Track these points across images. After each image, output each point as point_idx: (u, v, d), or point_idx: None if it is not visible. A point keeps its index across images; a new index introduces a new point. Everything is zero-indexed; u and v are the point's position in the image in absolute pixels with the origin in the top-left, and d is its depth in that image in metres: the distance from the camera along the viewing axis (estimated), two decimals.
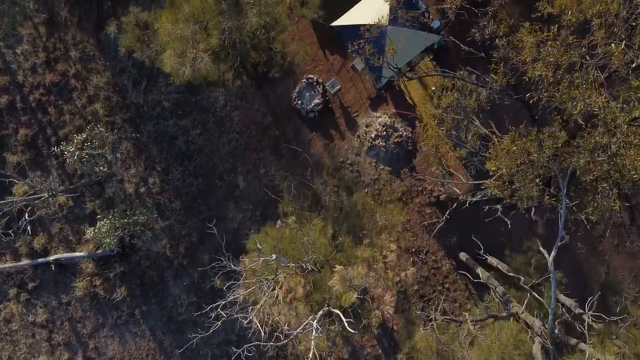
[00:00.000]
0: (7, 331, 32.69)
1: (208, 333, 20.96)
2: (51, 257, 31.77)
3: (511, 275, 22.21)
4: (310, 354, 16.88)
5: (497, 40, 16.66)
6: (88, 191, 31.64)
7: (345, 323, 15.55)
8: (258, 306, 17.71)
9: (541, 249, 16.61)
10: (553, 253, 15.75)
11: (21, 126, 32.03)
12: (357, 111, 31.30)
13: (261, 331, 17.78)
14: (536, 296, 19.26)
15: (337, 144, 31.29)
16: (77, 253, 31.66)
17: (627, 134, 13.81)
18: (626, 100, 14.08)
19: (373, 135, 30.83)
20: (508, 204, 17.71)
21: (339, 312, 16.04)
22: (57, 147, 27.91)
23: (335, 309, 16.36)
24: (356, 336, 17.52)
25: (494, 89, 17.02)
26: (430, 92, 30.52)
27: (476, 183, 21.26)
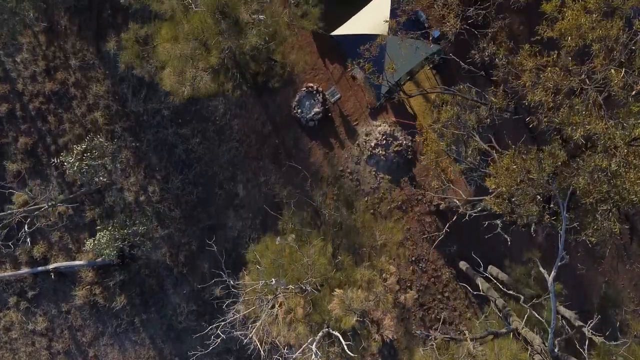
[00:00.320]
0: (7, 339, 32.68)
1: (208, 350, 20.92)
2: (51, 266, 31.75)
3: (511, 292, 22.16)
4: None
5: (497, 59, 16.64)
6: (88, 200, 31.61)
7: (344, 346, 15.54)
8: (258, 324, 17.71)
9: (541, 269, 16.58)
10: (553, 273, 15.73)
11: (21, 134, 32.01)
12: (357, 120, 31.28)
13: (261, 350, 17.76)
14: (536, 315, 19.21)
15: (337, 153, 31.27)
16: (77, 262, 31.64)
17: (627, 154, 13.77)
18: (625, 121, 14.04)
19: (373, 144, 30.82)
20: (508, 221, 17.71)
21: (339, 335, 16.02)
22: (57, 158, 27.89)
23: (334, 331, 16.34)
24: (356, 359, 17.41)
25: (494, 110, 17.00)
26: (431, 101, 30.52)
27: (476, 199, 21.24)
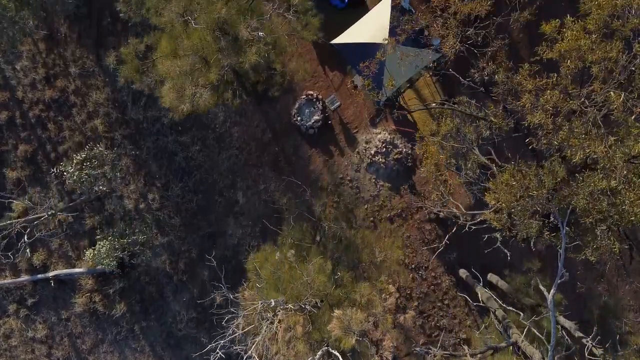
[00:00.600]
0: (7, 347, 32.70)
1: None
2: (50, 273, 31.78)
3: (510, 309, 22.16)
4: None
5: (497, 77, 16.63)
6: (88, 207, 31.62)
7: None
8: (258, 339, 17.73)
9: (541, 287, 16.59)
10: (553, 290, 15.73)
11: (21, 142, 32.03)
12: (357, 127, 31.27)
13: None
14: (537, 333, 19.21)
15: (337, 160, 31.27)
16: (77, 269, 31.66)
17: (627, 172, 13.74)
18: (625, 139, 14.03)
19: (373, 151, 30.81)
20: (507, 236, 17.71)
21: (338, 355, 16.04)
22: (57, 168, 27.88)
23: (334, 350, 16.36)
24: None
25: (494, 130, 17.00)
26: (431, 109, 30.54)
27: (475, 212, 21.25)
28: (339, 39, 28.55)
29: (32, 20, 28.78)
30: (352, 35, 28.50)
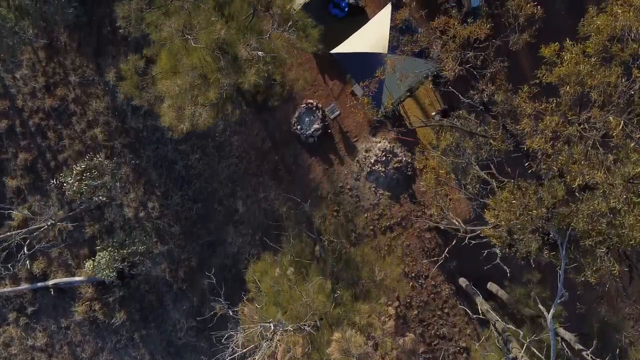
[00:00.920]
0: (7, 355, 32.69)
1: None
2: (50, 282, 31.78)
3: (510, 327, 22.15)
4: None
5: (496, 96, 16.62)
6: (87, 216, 31.61)
7: None
8: (257, 357, 17.73)
9: (540, 307, 16.58)
10: (552, 310, 15.74)
11: (20, 150, 32.02)
12: (357, 136, 31.26)
13: None
14: (536, 352, 19.21)
15: (337, 169, 31.25)
16: (77, 278, 31.65)
17: (627, 192, 13.71)
18: (625, 159, 14.03)
19: (372, 160, 30.80)
20: (507, 253, 17.70)
21: None
22: (56, 179, 27.87)
23: None
24: None
25: (493, 152, 17.00)
26: (430, 117, 30.55)
27: (475, 228, 21.23)
28: (339, 49, 28.55)
29: (32, 29, 28.81)
30: (352, 44, 28.51)
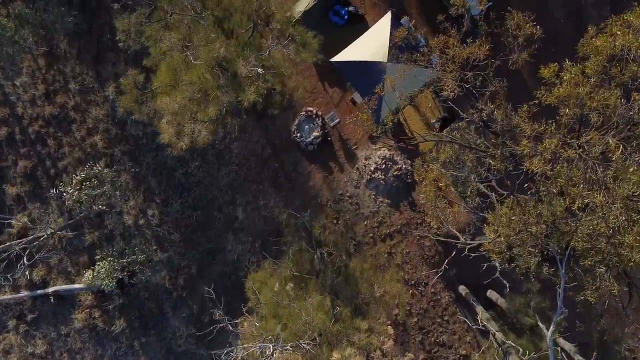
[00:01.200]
0: None
1: None
2: (50, 289, 31.75)
3: (510, 343, 22.15)
4: None
5: (496, 114, 16.62)
6: (87, 223, 31.61)
7: None
8: None
9: (539, 324, 16.59)
10: (552, 327, 15.75)
11: (20, 158, 32.01)
12: (357, 144, 31.26)
13: None
14: None
15: (337, 177, 31.25)
16: (76, 285, 31.63)
17: (627, 209, 13.72)
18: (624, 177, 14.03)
19: (372, 168, 30.81)
20: (506, 268, 17.70)
21: None
22: (56, 189, 27.86)
23: None
24: None
25: (493, 172, 17.00)
26: (430, 125, 30.57)
27: (474, 243, 21.24)
28: (339, 57, 28.53)
29: (32, 37, 28.82)
30: (352, 53, 28.50)
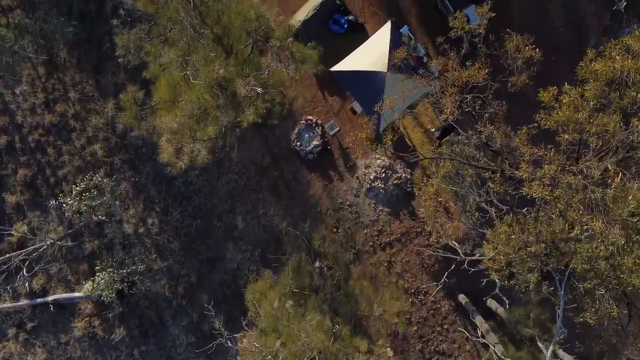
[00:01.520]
0: None
1: None
2: (50, 298, 31.78)
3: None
4: None
5: (495, 134, 16.66)
6: (87, 231, 31.63)
7: None
8: None
9: (539, 345, 16.59)
10: (551, 347, 15.74)
11: (20, 166, 32.04)
12: (356, 153, 31.24)
13: None
14: None
15: (336, 185, 31.25)
16: (76, 293, 31.65)
17: (627, 229, 13.71)
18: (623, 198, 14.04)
19: (372, 176, 30.80)
20: (506, 286, 17.71)
21: None
22: (56, 200, 27.89)
23: None
24: None
25: (492, 194, 17.00)
26: (429, 133, 30.57)
27: (474, 259, 21.25)
28: (339, 66, 28.48)
29: (32, 45, 28.84)
30: (352, 62, 28.46)
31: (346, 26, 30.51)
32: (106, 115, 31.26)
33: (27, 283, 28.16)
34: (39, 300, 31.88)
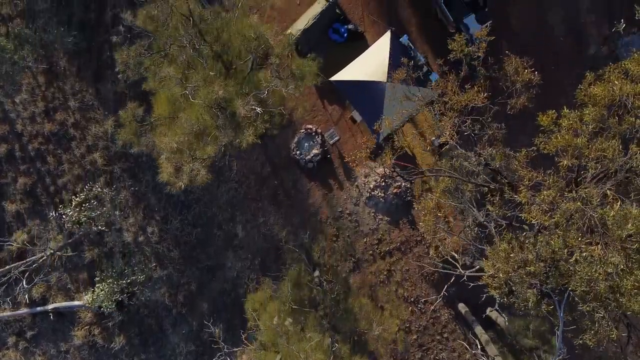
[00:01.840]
0: None
1: None
2: (50, 306, 31.81)
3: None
4: None
5: (494, 152, 16.66)
6: (87, 240, 31.63)
7: None
8: None
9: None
10: None
11: (20, 175, 32.07)
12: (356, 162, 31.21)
13: None
14: None
15: (336, 194, 31.25)
16: (76, 302, 31.67)
17: (625, 249, 13.70)
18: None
19: (372, 185, 30.81)
20: (505, 303, 17.73)
21: None
22: (56, 211, 27.90)
23: None
24: None
25: (491, 217, 17.02)
26: (428, 143, 30.55)
27: (473, 275, 21.24)
28: (338, 76, 28.49)
29: (32, 54, 28.83)
30: (351, 72, 28.46)
31: (346, 35, 30.51)
32: (106, 124, 31.29)
33: (27, 294, 28.14)
34: (39, 308, 31.92)
